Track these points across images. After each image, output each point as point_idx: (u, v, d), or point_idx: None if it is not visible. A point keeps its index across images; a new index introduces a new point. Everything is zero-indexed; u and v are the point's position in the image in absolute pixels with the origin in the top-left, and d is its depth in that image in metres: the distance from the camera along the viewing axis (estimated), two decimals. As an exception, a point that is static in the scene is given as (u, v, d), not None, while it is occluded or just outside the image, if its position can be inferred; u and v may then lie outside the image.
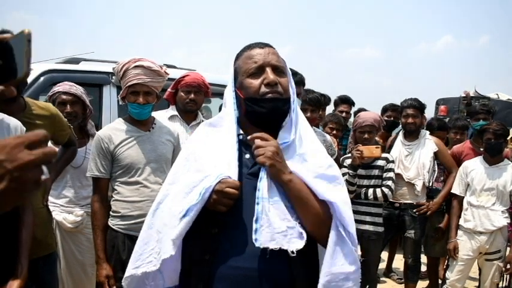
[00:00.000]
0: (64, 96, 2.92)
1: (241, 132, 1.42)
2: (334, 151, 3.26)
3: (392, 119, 4.81)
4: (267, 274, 1.26)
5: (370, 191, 3.41)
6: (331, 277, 1.27)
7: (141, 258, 1.38)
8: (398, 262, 4.99)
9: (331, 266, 1.28)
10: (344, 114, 4.77)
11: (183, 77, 3.10)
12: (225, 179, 1.28)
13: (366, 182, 3.46)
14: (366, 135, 3.48)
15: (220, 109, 2.52)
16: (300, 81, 2.93)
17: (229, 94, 1.43)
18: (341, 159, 3.61)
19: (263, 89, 1.35)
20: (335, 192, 1.34)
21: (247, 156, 1.38)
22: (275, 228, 1.24)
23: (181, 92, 3.08)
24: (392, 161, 3.52)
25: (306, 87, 3.19)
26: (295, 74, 2.91)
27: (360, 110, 6.01)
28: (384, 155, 3.53)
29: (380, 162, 3.47)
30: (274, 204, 1.27)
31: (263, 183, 1.29)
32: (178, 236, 1.26)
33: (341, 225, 1.31)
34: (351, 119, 6.25)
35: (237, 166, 1.32)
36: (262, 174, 1.30)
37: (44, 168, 0.60)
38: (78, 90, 2.99)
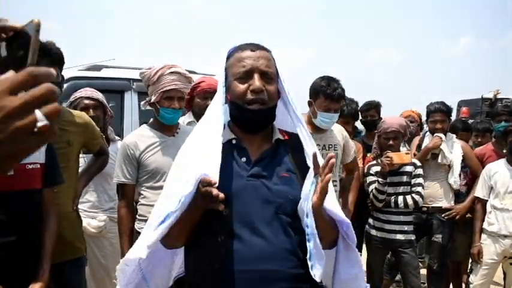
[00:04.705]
0: (87, 101, 2.98)
1: (234, 136, 1.41)
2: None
3: (368, 118, 4.38)
4: (282, 272, 1.26)
5: (400, 198, 3.26)
6: (344, 284, 1.39)
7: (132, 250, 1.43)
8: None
9: (341, 272, 1.38)
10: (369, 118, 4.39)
11: (199, 83, 3.11)
12: (203, 177, 1.17)
13: (394, 189, 3.32)
14: (391, 142, 3.32)
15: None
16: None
17: (220, 93, 1.40)
18: (366, 166, 3.52)
19: (249, 95, 1.34)
20: (337, 205, 1.39)
21: (244, 159, 1.36)
22: (322, 259, 1.23)
23: (198, 99, 3.10)
24: (421, 166, 3.38)
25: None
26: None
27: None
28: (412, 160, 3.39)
29: (408, 168, 3.34)
30: (317, 236, 1.23)
31: (311, 220, 1.21)
32: (154, 243, 1.24)
33: (346, 234, 1.35)
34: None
35: (218, 165, 1.22)
36: (309, 213, 1.22)
37: (38, 112, 0.51)
38: (99, 95, 3.05)
